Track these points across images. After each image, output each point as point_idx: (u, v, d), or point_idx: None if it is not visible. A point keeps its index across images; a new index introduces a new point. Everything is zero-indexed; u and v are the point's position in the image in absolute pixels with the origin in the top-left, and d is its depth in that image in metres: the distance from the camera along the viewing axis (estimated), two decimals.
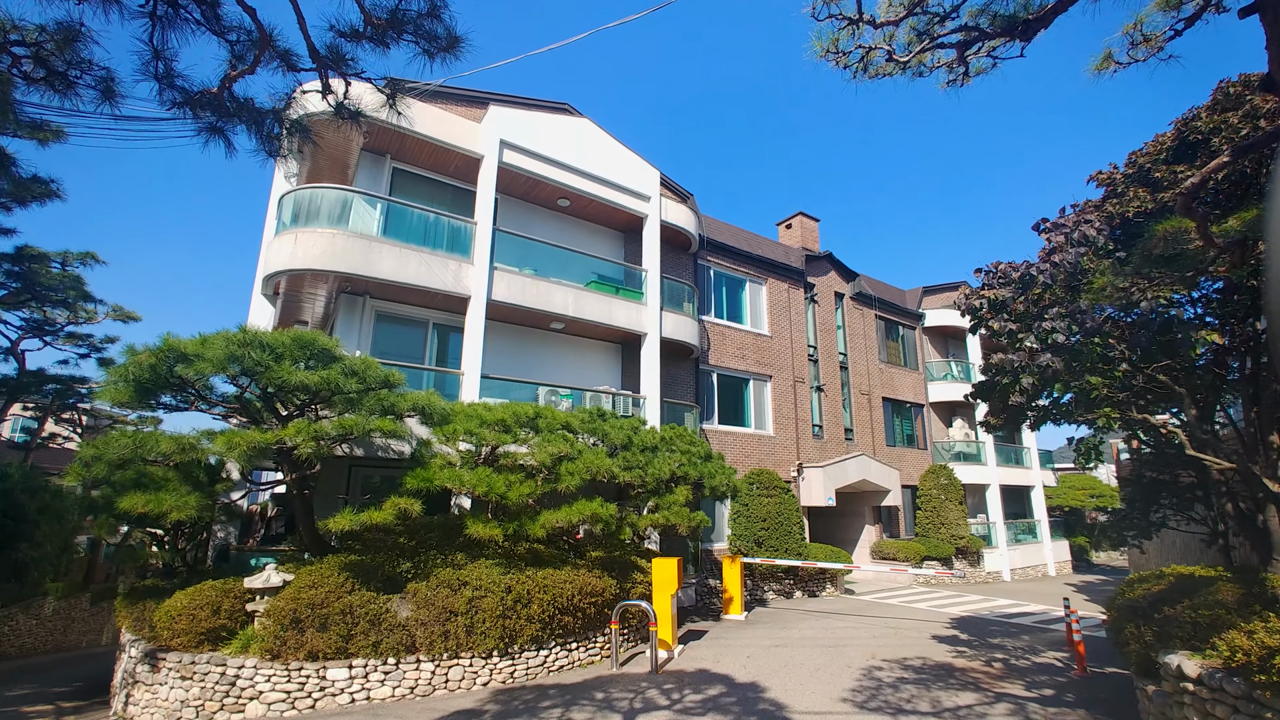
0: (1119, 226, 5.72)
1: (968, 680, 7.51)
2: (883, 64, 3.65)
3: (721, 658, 8.43)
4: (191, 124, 3.19)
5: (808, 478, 17.45)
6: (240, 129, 3.15)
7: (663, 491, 10.34)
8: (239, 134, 3.18)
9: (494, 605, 7.18)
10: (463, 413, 8.31)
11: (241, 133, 3.18)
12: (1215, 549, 8.08)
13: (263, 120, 3.09)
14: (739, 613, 11.76)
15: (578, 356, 13.97)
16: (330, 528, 6.77)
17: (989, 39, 3.47)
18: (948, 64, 3.83)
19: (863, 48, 3.60)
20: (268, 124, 3.09)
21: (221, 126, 3.09)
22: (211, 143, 3.16)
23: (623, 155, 14.35)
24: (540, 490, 7.96)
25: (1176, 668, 4.30)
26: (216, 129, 3.08)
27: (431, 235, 11.25)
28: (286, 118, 3.14)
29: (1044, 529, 24.90)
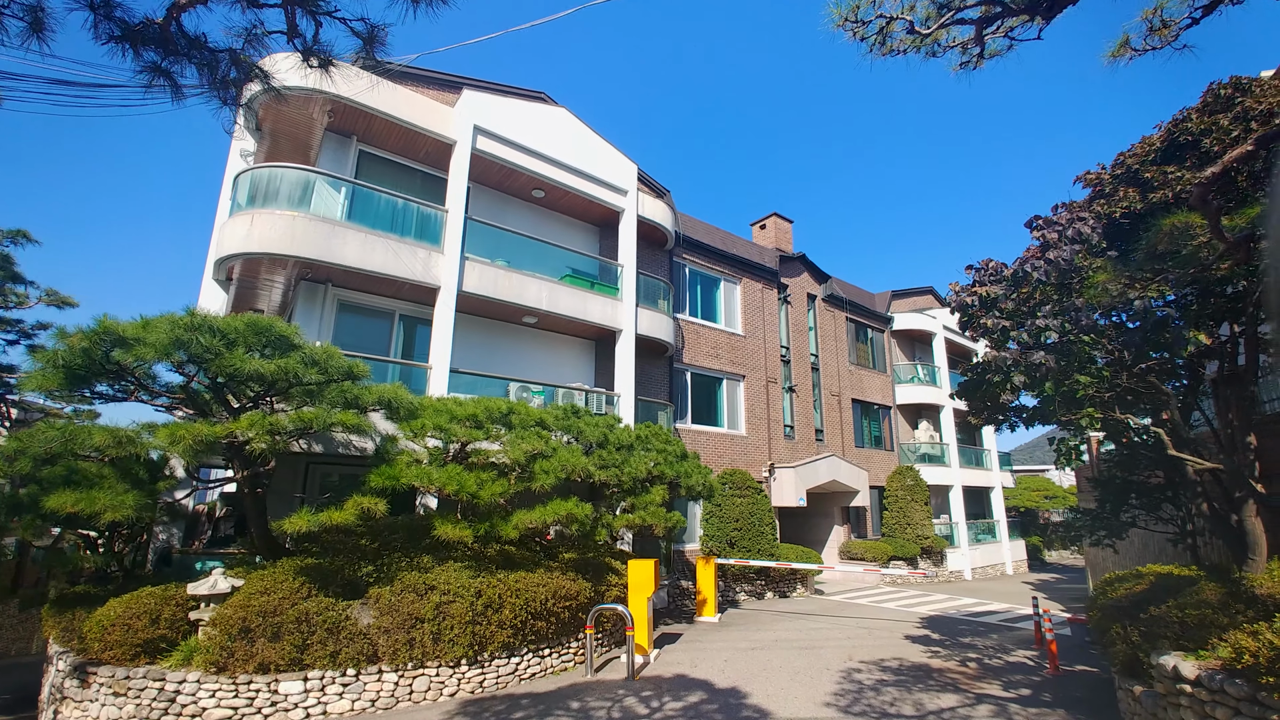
0: (1106, 227, 5.72)
1: (946, 681, 7.45)
2: (901, 37, 3.47)
3: (699, 662, 8.20)
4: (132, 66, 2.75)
5: (779, 478, 17.42)
6: (190, 72, 2.74)
7: (639, 491, 10.06)
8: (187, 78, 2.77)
9: (463, 611, 6.78)
10: (432, 407, 7.87)
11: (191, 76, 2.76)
12: (1182, 548, 8.25)
13: (216, 62, 2.69)
14: (713, 615, 11.57)
15: (550, 352, 13.58)
16: (285, 529, 6.27)
17: (1011, 14, 3.31)
18: (963, 44, 3.68)
19: (883, 17, 3.41)
20: (222, 66, 2.69)
21: (167, 67, 2.68)
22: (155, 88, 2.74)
23: (600, 147, 14.03)
24: (513, 489, 7.59)
25: (1173, 669, 4.24)
26: (161, 70, 2.67)
27: (400, 222, 10.72)
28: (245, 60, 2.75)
29: (1002, 529, 25.56)
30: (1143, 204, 5.68)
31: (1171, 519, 8.07)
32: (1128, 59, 3.63)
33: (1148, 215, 5.63)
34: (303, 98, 10.19)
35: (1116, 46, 3.60)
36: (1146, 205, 5.63)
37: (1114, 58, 3.63)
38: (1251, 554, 5.86)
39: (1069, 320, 5.36)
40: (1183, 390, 5.87)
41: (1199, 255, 4.22)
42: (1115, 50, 3.63)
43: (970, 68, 3.82)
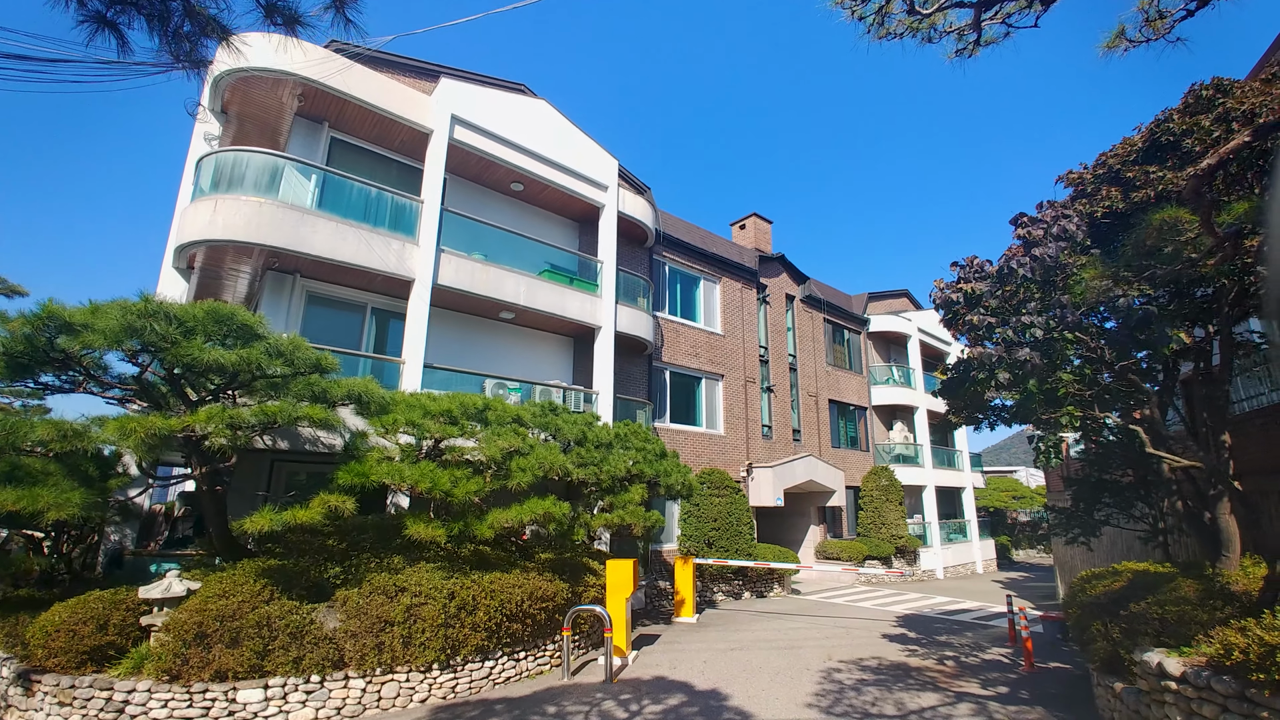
0: (1090, 226, 5.74)
1: (925, 680, 7.43)
2: (899, 19, 3.37)
3: (678, 663, 8.05)
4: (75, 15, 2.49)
5: (757, 478, 17.41)
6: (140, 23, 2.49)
7: (617, 490, 9.89)
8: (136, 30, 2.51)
9: (435, 613, 6.52)
10: (404, 402, 7.58)
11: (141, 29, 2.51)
12: (1152, 546, 8.38)
13: (168, 13, 2.45)
14: (690, 615, 11.44)
15: (527, 349, 13.32)
16: (246, 529, 5.94)
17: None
18: (959, 30, 3.60)
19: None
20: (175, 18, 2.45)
21: (113, 18, 2.42)
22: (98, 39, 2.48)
23: (580, 141, 13.83)
24: (489, 487, 7.35)
25: (1157, 665, 4.23)
26: (105, 20, 2.41)
27: (373, 212, 10.38)
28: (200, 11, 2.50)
29: (973, 529, 26.01)
30: (1124, 203, 5.72)
31: (1143, 517, 8.20)
32: (1122, 50, 3.59)
33: (1129, 215, 5.68)
34: (271, 80, 9.81)
35: (1112, 37, 3.56)
36: (1128, 205, 5.67)
37: (1109, 49, 3.60)
38: (1225, 551, 5.94)
39: (1054, 317, 5.36)
40: (1160, 389, 5.92)
41: (1186, 251, 4.23)
42: (1110, 41, 3.59)
43: (966, 55, 3.75)
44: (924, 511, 23.69)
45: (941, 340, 27.72)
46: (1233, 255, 4.06)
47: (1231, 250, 3.94)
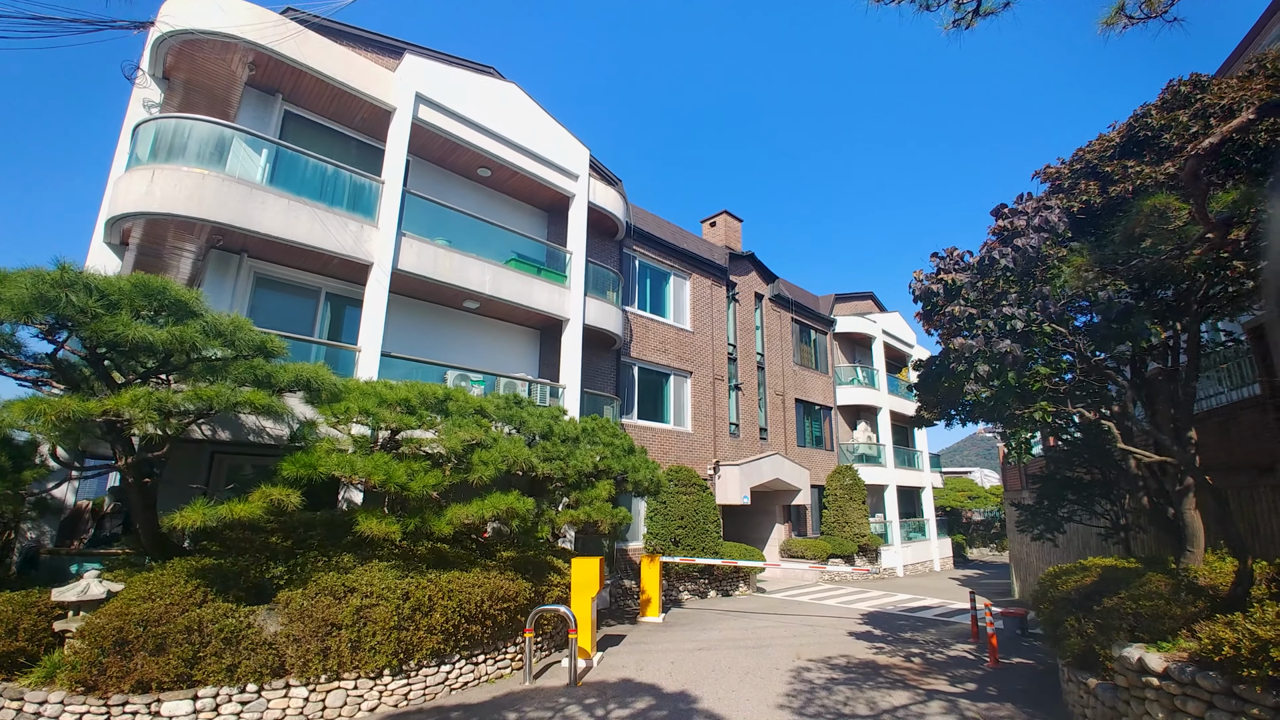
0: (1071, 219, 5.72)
1: (895, 678, 7.34)
2: None
3: (645, 665, 7.78)
4: None
5: (724, 476, 17.30)
6: None
7: (584, 486, 9.57)
8: None
9: (387, 615, 6.09)
10: (358, 390, 7.10)
11: None
12: (1113, 542, 8.52)
13: None
14: (656, 615, 11.20)
15: (492, 340, 12.87)
16: (176, 524, 5.41)
17: None
18: None
19: None
20: None
21: None
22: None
23: (551, 128, 13.43)
24: (448, 481, 6.94)
25: (1138, 661, 4.16)
26: None
27: (329, 190, 9.80)
28: None
29: (931, 528, 26.53)
30: (1101, 198, 5.71)
31: (1104, 514, 8.31)
32: (1121, 27, 3.49)
33: (1107, 209, 5.67)
34: (219, 44, 9.16)
35: (1112, 13, 3.45)
36: (1105, 199, 5.66)
37: (1108, 25, 3.48)
38: (1190, 546, 5.99)
39: (1036, 309, 5.30)
40: (1130, 386, 5.94)
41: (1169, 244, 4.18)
42: (1110, 18, 3.48)
43: (963, 26, 3.59)
44: (885, 510, 24.03)
45: (904, 342, 28.23)
46: (1219, 244, 4.03)
47: (1219, 239, 3.90)
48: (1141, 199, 4.55)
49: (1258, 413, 6.50)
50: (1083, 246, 4.74)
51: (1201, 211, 3.54)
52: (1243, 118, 3.14)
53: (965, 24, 3.52)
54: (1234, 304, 5.76)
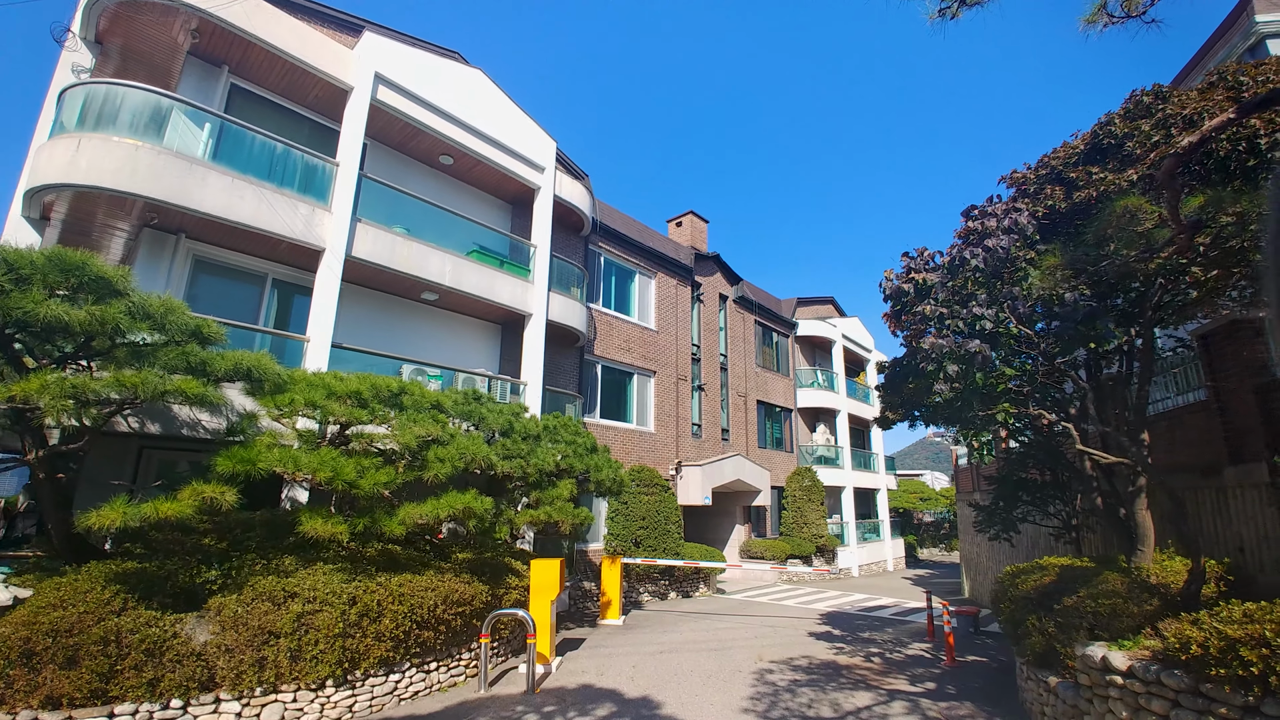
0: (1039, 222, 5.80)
1: (857, 679, 7.33)
2: None
3: (605, 669, 7.55)
4: None
5: (686, 476, 17.21)
6: None
7: (545, 485, 9.28)
8: None
9: (332, 622, 5.69)
10: (305, 381, 6.65)
11: None
12: (1064, 541, 8.75)
13: None
14: (617, 617, 10.98)
15: (451, 334, 12.42)
16: (93, 525, 4.90)
17: None
18: None
19: None
20: None
21: None
22: None
23: (517, 118, 13.08)
24: (401, 479, 6.57)
25: (1101, 660, 4.18)
26: None
27: (279, 170, 9.24)
28: None
29: (886, 528, 27.12)
30: (1066, 203, 5.81)
31: (1057, 514, 8.52)
32: (1102, 26, 3.48)
33: (1071, 214, 5.77)
34: (160, 9, 8.54)
35: (1093, 10, 3.44)
36: (1070, 204, 5.76)
37: (1089, 22, 3.47)
38: (1140, 545, 6.14)
39: (1005, 309, 5.34)
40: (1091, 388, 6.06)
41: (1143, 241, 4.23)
42: (1091, 15, 3.46)
43: (949, 16, 3.52)
44: (843, 512, 24.42)
45: (863, 347, 28.81)
46: (1186, 246, 4.10)
47: (1186, 241, 3.96)
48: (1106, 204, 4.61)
49: (1203, 417, 6.74)
50: (1054, 247, 4.79)
51: (1174, 211, 3.57)
52: (1224, 116, 3.17)
53: (951, 13, 3.45)
54: (1183, 312, 5.95)
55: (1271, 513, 5.54)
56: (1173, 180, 3.45)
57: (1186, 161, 3.81)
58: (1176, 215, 3.60)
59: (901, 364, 7.10)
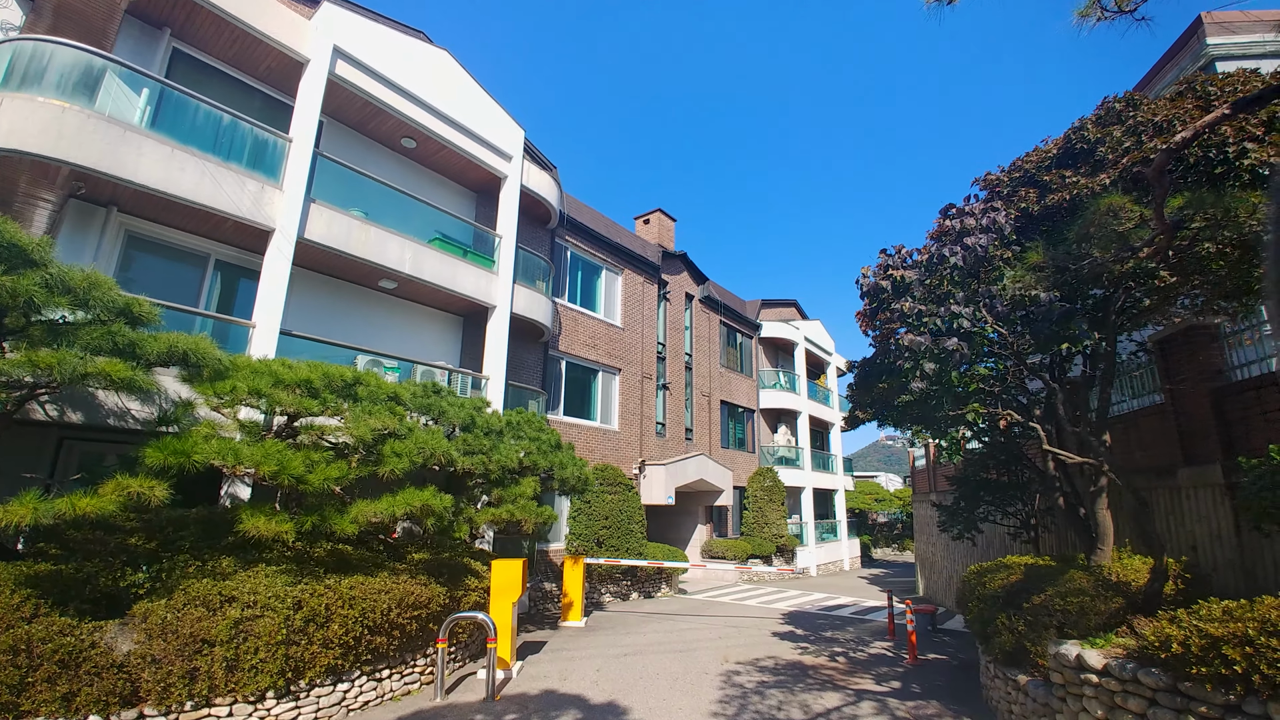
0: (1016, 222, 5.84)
1: (824, 679, 7.27)
2: None
3: (569, 673, 7.28)
4: None
5: (649, 475, 17.05)
6: None
7: (507, 482, 8.94)
8: None
9: (274, 628, 5.26)
10: (249, 368, 6.16)
11: None
12: (1021, 541, 8.93)
13: None
14: (579, 619, 10.70)
15: (410, 325, 11.91)
16: (1, 522, 4.35)
17: None
18: None
19: None
20: None
21: None
22: None
23: (485, 104, 12.65)
24: (354, 474, 6.15)
25: (1076, 658, 4.17)
26: None
27: (226, 143, 8.61)
28: None
29: (843, 529, 27.60)
30: (1039, 206, 5.87)
31: (1015, 514, 8.69)
32: (1095, 19, 3.44)
33: (1042, 218, 5.83)
34: None
35: (1087, 5, 3.39)
36: (1043, 208, 5.82)
37: (1083, 16, 3.43)
38: (1100, 544, 6.26)
39: (983, 308, 5.34)
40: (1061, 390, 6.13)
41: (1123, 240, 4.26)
42: (1085, 9, 3.42)
43: (944, 2, 3.42)
44: (802, 512, 24.71)
45: (824, 350, 29.26)
46: (1166, 247, 4.15)
47: (1165, 243, 3.99)
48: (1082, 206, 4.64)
49: (1157, 420, 6.94)
50: (1037, 244, 4.80)
51: (1160, 209, 3.57)
52: (1217, 113, 3.16)
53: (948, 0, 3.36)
54: (1137, 318, 6.10)
55: (1224, 512, 5.72)
56: (1162, 177, 3.44)
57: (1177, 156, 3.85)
58: (1161, 213, 3.60)
59: (873, 363, 7.09)
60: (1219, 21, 11.37)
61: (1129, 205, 4.13)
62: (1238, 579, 5.58)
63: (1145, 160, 3.30)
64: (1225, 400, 5.89)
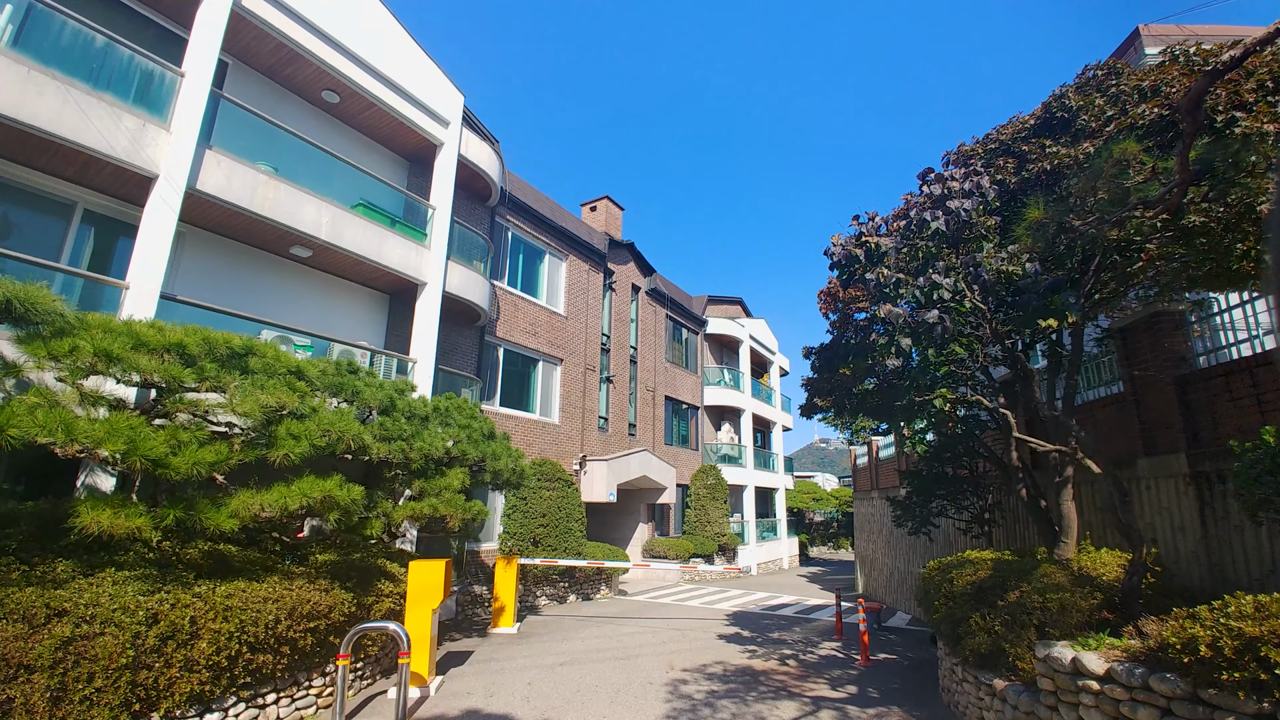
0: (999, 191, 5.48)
1: (776, 685, 6.73)
2: None
3: (496, 689, 6.43)
4: None
5: (590, 471, 16.27)
6: None
7: (432, 474, 7.99)
8: None
9: (117, 648, 4.19)
10: (102, 327, 4.99)
11: None
12: (972, 535, 8.73)
13: None
14: (510, 625, 9.79)
15: (328, 300, 10.68)
16: None
17: None
18: None
19: None
20: None
21: None
22: None
23: (421, 63, 11.56)
24: (237, 459, 5.11)
25: (1070, 662, 3.74)
26: None
27: (101, 70, 7.27)
28: None
29: (783, 527, 27.67)
30: (1016, 178, 5.55)
31: (969, 508, 8.48)
32: None
33: (1020, 190, 5.51)
34: None
35: None
36: (1020, 180, 5.50)
37: None
38: (1064, 536, 6.01)
39: (967, 278, 4.92)
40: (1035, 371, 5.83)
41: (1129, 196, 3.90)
42: None
43: None
44: (744, 510, 24.52)
45: (768, 349, 29.31)
46: (1177, 204, 3.80)
47: (1178, 198, 3.64)
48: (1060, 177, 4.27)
49: (1114, 410, 6.81)
50: (1038, 199, 4.40)
51: (1186, 150, 3.18)
52: (1272, 28, 2.75)
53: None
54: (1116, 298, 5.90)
55: (1189, 503, 5.54)
56: (1196, 110, 3.03)
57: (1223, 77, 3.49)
58: (1187, 157, 3.21)
59: (836, 346, 6.63)
60: (1155, 34, 11.71)
61: (1140, 155, 3.77)
62: (1201, 572, 5.40)
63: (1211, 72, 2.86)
64: (1190, 388, 5.73)
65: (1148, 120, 4.61)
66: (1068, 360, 6.07)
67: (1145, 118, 4.68)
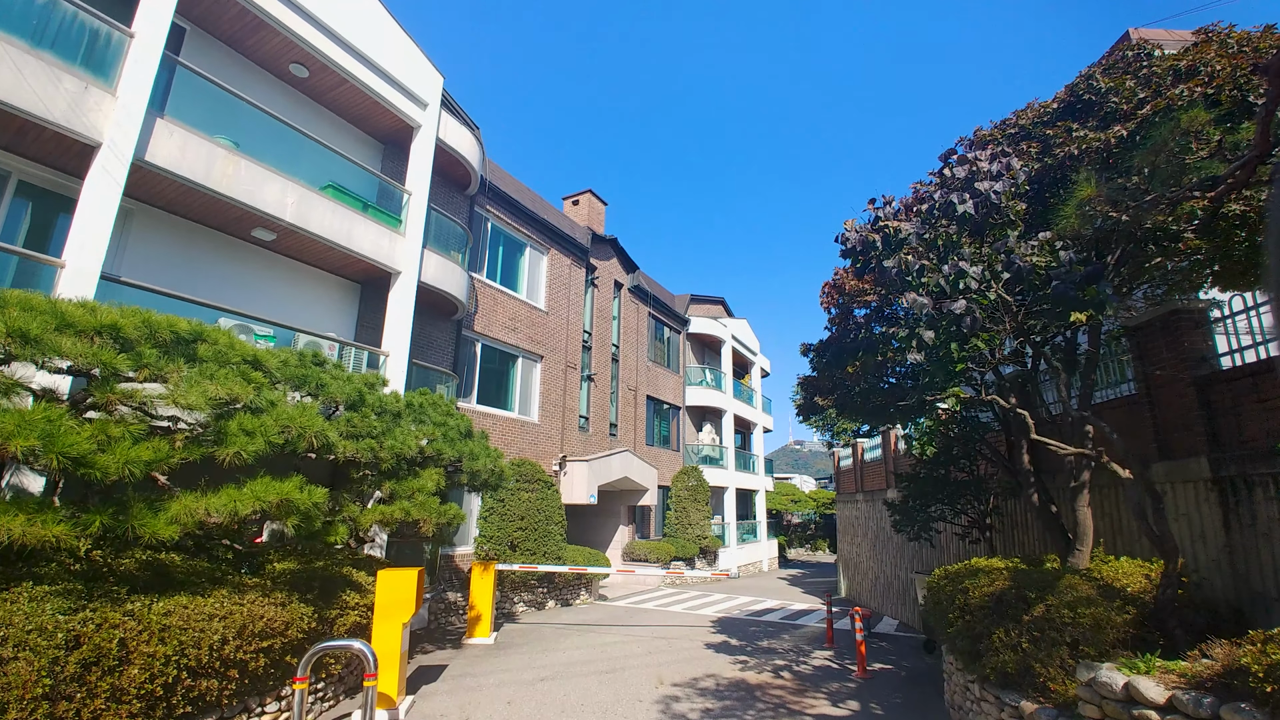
0: None
1: (774, 701, 6.31)
2: None
3: (472, 708, 5.89)
4: None
5: (571, 472, 15.73)
6: None
7: (403, 474, 7.39)
8: None
9: (29, 676, 3.58)
10: (20, 304, 4.34)
11: None
12: (969, 541, 8.46)
13: None
14: (487, 635, 9.23)
15: (294, 288, 9.98)
16: None
17: None
18: None
19: None
20: None
21: None
22: None
23: (399, 40, 10.93)
24: (180, 457, 4.50)
25: (1123, 688, 3.38)
26: None
27: (39, 27, 6.56)
28: None
29: (763, 530, 27.45)
30: (1038, 164, 5.23)
31: (969, 513, 8.19)
32: None
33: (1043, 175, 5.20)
34: None
35: None
36: (1043, 166, 5.19)
37: None
38: (1079, 544, 5.72)
39: (995, 266, 4.56)
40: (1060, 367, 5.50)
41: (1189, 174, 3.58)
42: None
43: None
44: (724, 512, 24.21)
45: (749, 349, 29.08)
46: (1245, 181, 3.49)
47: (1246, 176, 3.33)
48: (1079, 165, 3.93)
49: (1124, 412, 6.56)
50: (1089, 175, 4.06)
51: (1267, 118, 2.84)
52: None
53: None
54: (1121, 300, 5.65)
55: (1211, 509, 5.28)
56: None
57: None
58: (1268, 126, 2.87)
59: (842, 342, 6.26)
60: (1145, 38, 11.66)
61: (1209, 127, 3.44)
62: (1224, 582, 5.13)
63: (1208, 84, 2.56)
64: (1212, 389, 5.47)
65: (1185, 101, 4.32)
66: (1084, 358, 5.78)
67: (1184, 99, 4.39)
